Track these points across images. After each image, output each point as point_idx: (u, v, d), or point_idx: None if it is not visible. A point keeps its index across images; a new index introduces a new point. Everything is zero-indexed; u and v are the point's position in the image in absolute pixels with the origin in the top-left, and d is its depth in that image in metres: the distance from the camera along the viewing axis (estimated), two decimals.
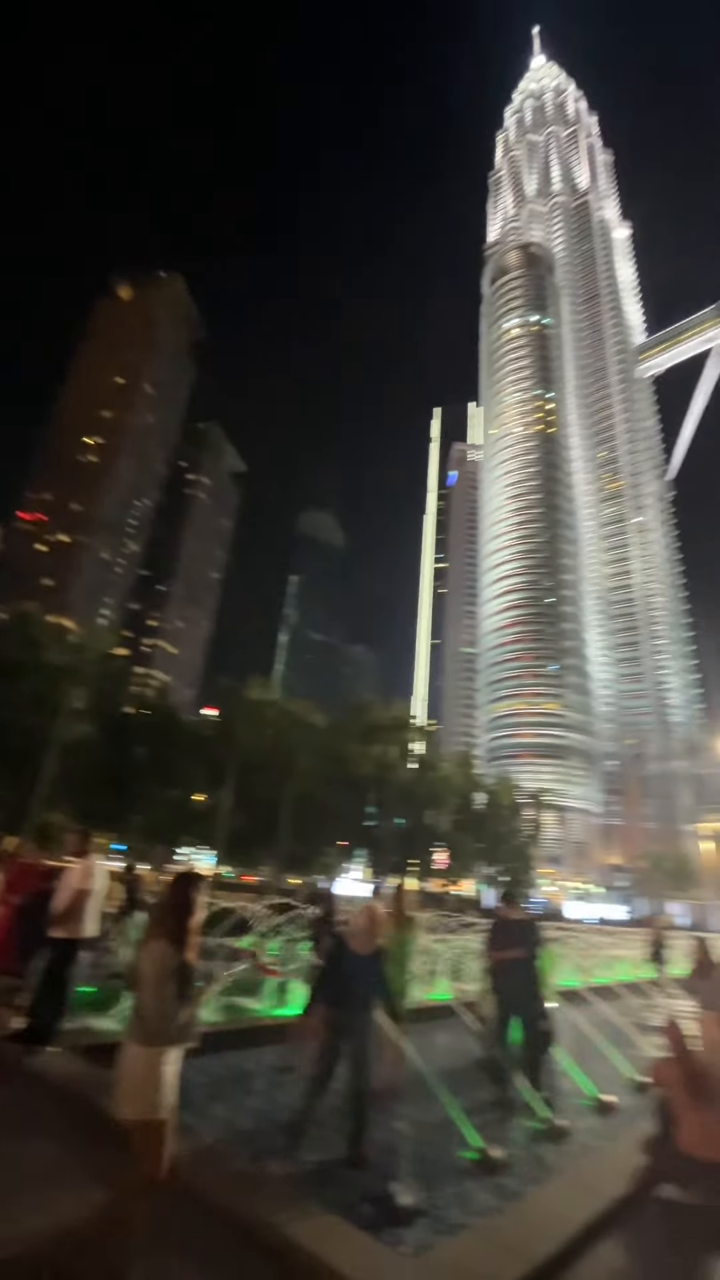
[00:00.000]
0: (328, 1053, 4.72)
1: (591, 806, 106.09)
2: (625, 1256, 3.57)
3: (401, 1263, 3.17)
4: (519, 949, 6.39)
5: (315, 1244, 3.13)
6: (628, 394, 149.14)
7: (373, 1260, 3.10)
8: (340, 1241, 3.21)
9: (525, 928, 6.67)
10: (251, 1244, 3.26)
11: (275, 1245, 3.19)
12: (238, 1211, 3.43)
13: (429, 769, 54.79)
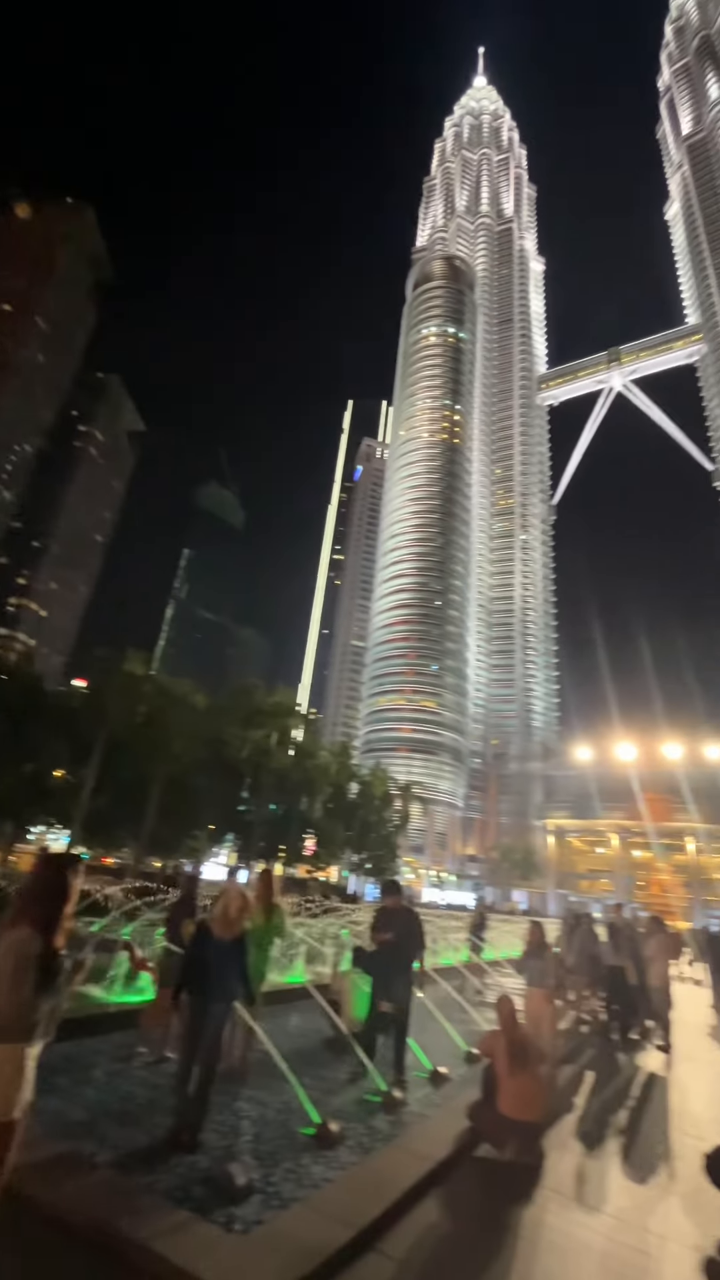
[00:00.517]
0: (191, 1039, 4.64)
1: (455, 800, 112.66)
2: (444, 1213, 3.86)
3: (229, 1241, 3.20)
4: (394, 936, 6.60)
5: (138, 1232, 3.07)
6: (527, 419, 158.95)
7: (198, 1241, 3.10)
8: (166, 1227, 3.17)
9: (406, 917, 6.85)
10: (73, 1237, 3.13)
11: (98, 1237, 3.09)
12: (61, 1205, 3.27)
13: (307, 757, 55.14)
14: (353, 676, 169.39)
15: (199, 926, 4.97)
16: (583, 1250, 3.65)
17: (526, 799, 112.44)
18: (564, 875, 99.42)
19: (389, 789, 67.46)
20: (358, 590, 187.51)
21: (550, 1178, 4.52)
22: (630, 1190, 4.54)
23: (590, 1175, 4.70)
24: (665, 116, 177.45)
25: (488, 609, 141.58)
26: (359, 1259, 3.20)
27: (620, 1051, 8.87)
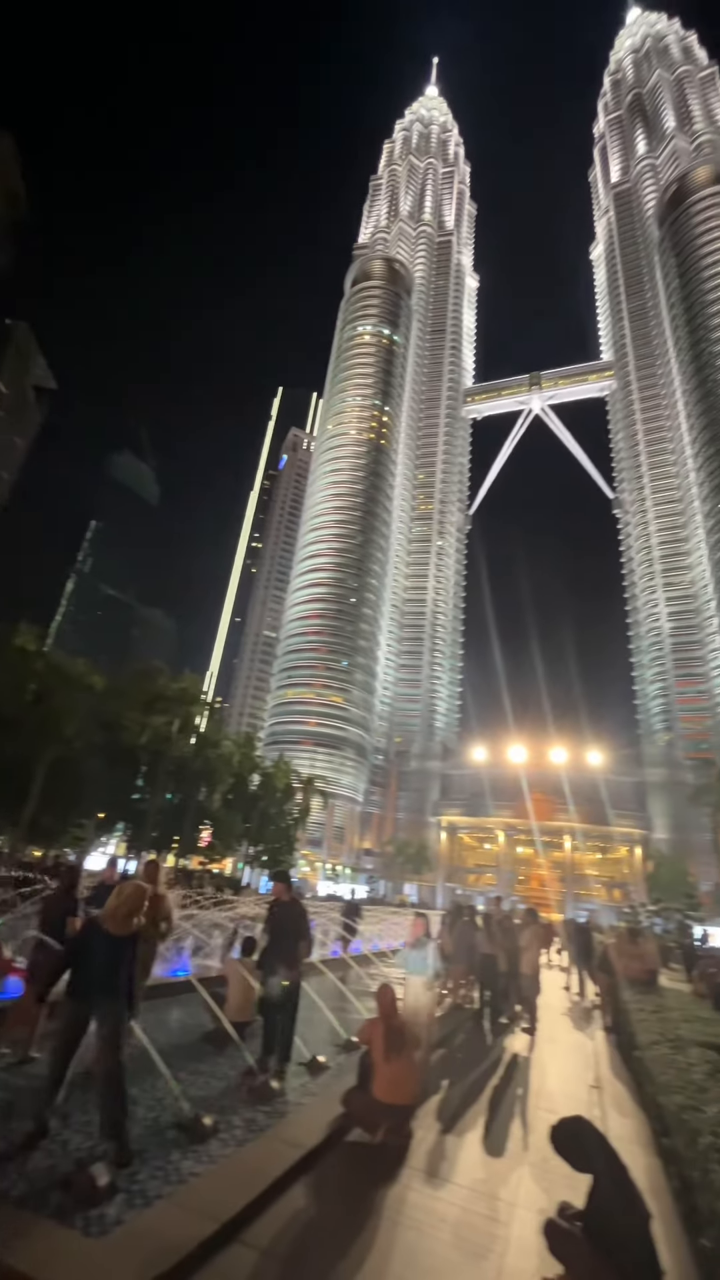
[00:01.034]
0: (68, 1043, 4.35)
1: (356, 795, 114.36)
2: (311, 1199, 3.93)
3: (85, 1244, 3.08)
4: (283, 930, 6.59)
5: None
6: (451, 429, 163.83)
7: (52, 1247, 2.97)
8: (14, 1234, 3.00)
9: (293, 911, 6.84)
10: None
11: None
12: None
13: (209, 746, 53.76)
14: (263, 667, 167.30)
15: (88, 922, 4.72)
16: (439, 1222, 3.86)
17: (424, 796, 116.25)
18: (453, 869, 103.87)
19: (291, 782, 67.29)
20: (274, 580, 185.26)
21: (416, 1157, 4.73)
22: (487, 1163, 4.85)
23: (452, 1152, 4.96)
24: (598, 161, 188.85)
25: (400, 610, 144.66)
26: (221, 1251, 3.19)
27: (490, 1035, 9.42)
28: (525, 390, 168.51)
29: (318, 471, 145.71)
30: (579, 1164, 3.41)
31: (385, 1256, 3.44)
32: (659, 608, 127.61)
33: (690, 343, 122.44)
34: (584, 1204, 3.37)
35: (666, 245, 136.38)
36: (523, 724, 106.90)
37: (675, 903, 59.76)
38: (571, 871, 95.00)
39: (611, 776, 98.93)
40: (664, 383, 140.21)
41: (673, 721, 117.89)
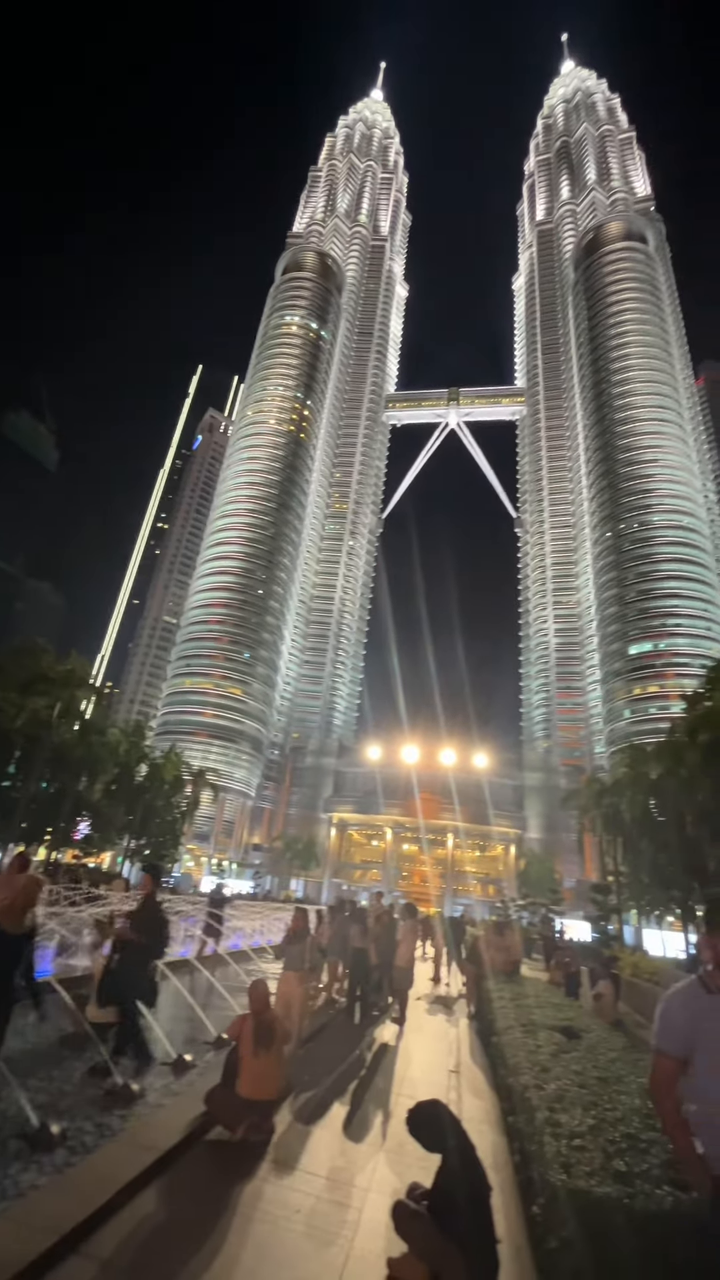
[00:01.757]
0: None
1: (248, 790, 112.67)
2: (162, 1203, 3.81)
3: None
4: (136, 929, 6.32)
5: None
6: (370, 432, 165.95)
7: None
8: None
9: (152, 911, 6.57)
10: None
11: None
12: None
13: (94, 733, 50.64)
14: (159, 654, 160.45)
15: None
16: (293, 1214, 3.88)
17: (317, 792, 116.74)
18: (341, 865, 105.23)
19: (181, 774, 65.00)
20: (178, 564, 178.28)
21: (276, 1151, 4.73)
22: (345, 1152, 4.95)
23: (312, 1144, 5.02)
24: (526, 197, 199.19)
25: (307, 606, 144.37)
26: (57, 1267, 3.01)
27: (360, 1026, 9.63)
28: (444, 404, 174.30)
29: (233, 457, 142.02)
30: (431, 1145, 3.57)
31: (235, 1253, 3.41)
32: (548, 624, 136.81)
33: (593, 382, 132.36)
34: (432, 1185, 3.53)
35: (580, 289, 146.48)
36: (417, 725, 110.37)
37: (541, 898, 64.29)
38: (452, 869, 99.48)
39: (494, 779, 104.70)
40: (568, 416, 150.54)
41: (552, 730, 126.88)
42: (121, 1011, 6.19)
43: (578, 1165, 2.61)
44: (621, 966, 17.51)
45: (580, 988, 14.39)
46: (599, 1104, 3.40)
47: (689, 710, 35.28)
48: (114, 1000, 6.22)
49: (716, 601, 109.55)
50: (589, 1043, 5.21)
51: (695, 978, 2.62)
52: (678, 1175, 2.53)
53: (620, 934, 46.56)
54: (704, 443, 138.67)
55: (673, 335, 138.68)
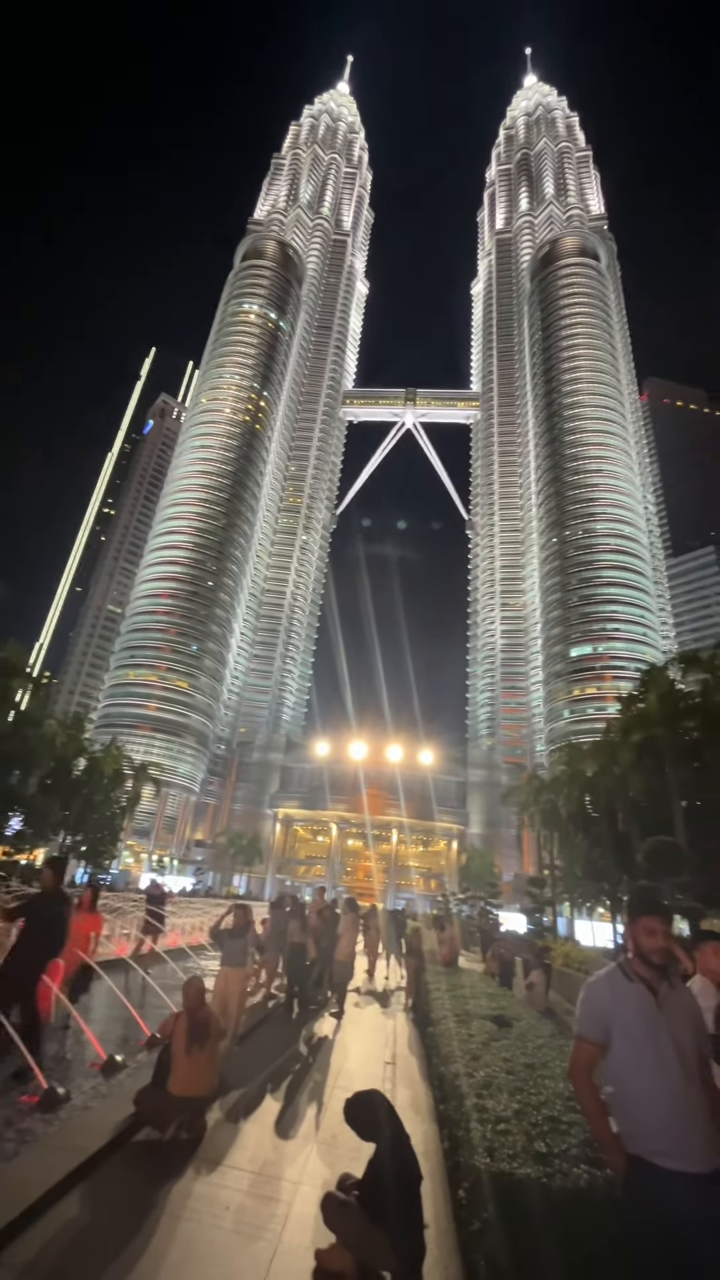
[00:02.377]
0: None
1: (193, 785, 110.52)
2: (87, 1206, 3.70)
3: None
4: (29, 925, 6.05)
5: None
6: (327, 427, 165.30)
7: None
8: None
9: (51, 906, 6.22)
10: None
11: None
12: None
13: (30, 725, 48.40)
14: (102, 644, 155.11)
15: None
16: (222, 1210, 3.85)
17: (263, 787, 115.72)
18: (285, 861, 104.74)
19: (122, 768, 63.04)
20: (125, 552, 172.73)
21: (207, 1149, 4.67)
22: (278, 1146, 4.94)
23: (244, 1140, 4.99)
24: (486, 204, 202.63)
25: (258, 600, 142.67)
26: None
27: (299, 1021, 9.63)
28: (400, 404, 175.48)
29: (185, 444, 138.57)
30: (366, 1134, 3.62)
31: (161, 1253, 3.35)
32: (495, 626, 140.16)
33: (544, 391, 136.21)
34: (362, 1176, 3.58)
35: (535, 300, 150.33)
36: (364, 722, 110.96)
37: (481, 891, 65.94)
38: (395, 863, 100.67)
39: (439, 775, 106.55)
40: (520, 423, 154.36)
41: (495, 728, 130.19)
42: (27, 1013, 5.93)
43: (501, 1149, 2.70)
44: (554, 956, 18.20)
45: (514, 977, 14.86)
46: (524, 1089, 3.52)
47: (623, 711, 36.90)
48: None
49: (652, 608, 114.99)
50: (519, 1030, 5.38)
51: (616, 965, 2.74)
52: (595, 1154, 2.64)
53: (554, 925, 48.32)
54: (645, 455, 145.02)
55: (620, 350, 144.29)
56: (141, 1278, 3.12)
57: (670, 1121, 2.33)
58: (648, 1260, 2.20)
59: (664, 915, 2.71)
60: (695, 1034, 2.54)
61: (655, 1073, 2.41)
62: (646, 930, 2.67)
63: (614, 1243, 2.29)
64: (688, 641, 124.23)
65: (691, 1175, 2.26)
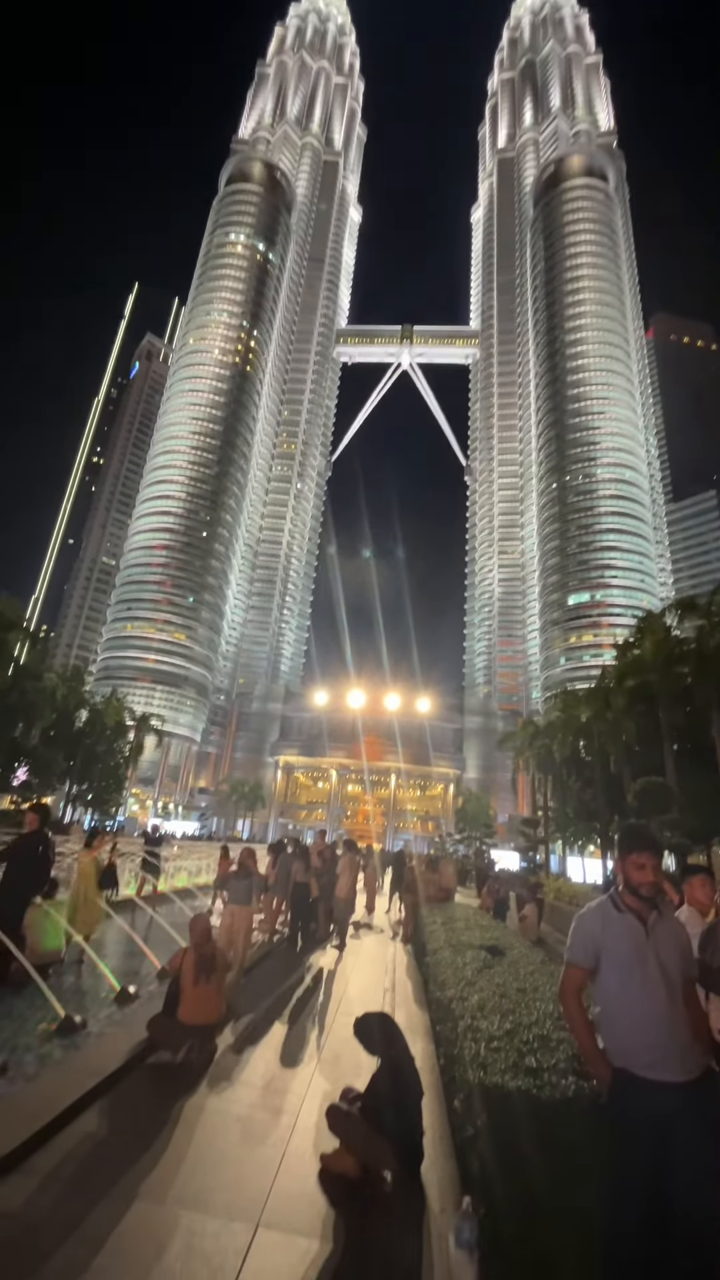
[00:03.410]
0: None
1: (194, 735, 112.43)
2: (105, 1120, 3.95)
3: None
4: (13, 865, 6.41)
5: None
6: (320, 368, 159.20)
7: None
8: None
9: (34, 843, 6.60)
10: None
11: None
12: None
13: (29, 678, 48.77)
14: (98, 597, 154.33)
15: None
16: (232, 1121, 4.13)
17: (263, 736, 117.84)
18: (287, 806, 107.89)
19: (123, 719, 63.97)
20: (116, 502, 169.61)
21: (217, 1069, 4.97)
22: (284, 1066, 5.26)
23: (253, 1060, 5.30)
24: (488, 119, 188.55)
25: (254, 550, 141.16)
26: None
27: (302, 954, 10.11)
28: (396, 342, 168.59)
29: (174, 388, 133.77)
30: (372, 1050, 3.88)
31: (177, 1158, 3.60)
32: (492, 574, 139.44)
33: (546, 328, 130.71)
34: (365, 1089, 3.83)
35: (538, 227, 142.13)
36: (362, 671, 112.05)
37: (476, 832, 68.30)
38: (394, 807, 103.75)
39: (435, 723, 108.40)
40: (520, 363, 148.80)
41: (492, 676, 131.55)
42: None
43: (494, 1064, 2.87)
44: (546, 891, 19.00)
45: (508, 911, 15.55)
46: (516, 1011, 3.71)
47: (619, 658, 37.24)
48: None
49: (650, 555, 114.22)
50: (511, 959, 5.65)
51: (606, 897, 2.86)
52: (582, 1068, 2.81)
53: (546, 863, 50.31)
54: (649, 396, 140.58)
55: (626, 283, 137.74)
56: (158, 1180, 3.36)
57: (654, 1037, 2.47)
58: (628, 1156, 2.38)
59: (653, 851, 2.80)
60: (681, 959, 2.66)
61: (641, 994, 2.54)
62: (636, 865, 2.76)
63: (597, 1143, 2.46)
64: (686, 588, 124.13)
65: (672, 1084, 2.42)
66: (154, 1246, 2.80)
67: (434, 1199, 3.37)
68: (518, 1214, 2.40)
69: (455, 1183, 3.49)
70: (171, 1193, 3.24)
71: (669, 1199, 2.31)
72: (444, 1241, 2.93)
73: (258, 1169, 3.58)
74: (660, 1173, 2.34)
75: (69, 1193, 3.14)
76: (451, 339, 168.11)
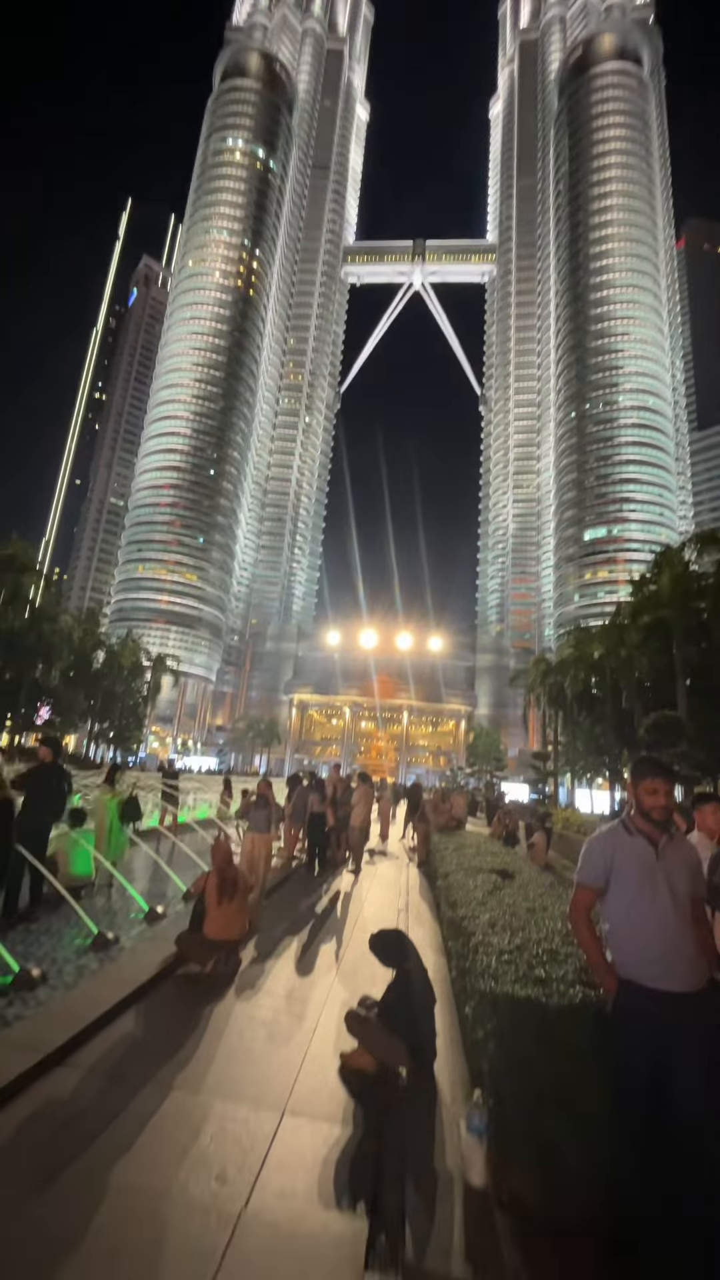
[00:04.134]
0: None
1: (209, 675, 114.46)
2: (139, 1023, 4.27)
3: None
4: (32, 793, 6.75)
5: None
6: (328, 290, 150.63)
7: None
8: None
9: (48, 775, 6.91)
10: None
11: None
12: None
13: (45, 620, 49.46)
14: (108, 539, 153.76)
15: None
16: (258, 1025, 4.44)
17: (277, 675, 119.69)
18: (302, 743, 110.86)
19: (140, 660, 65.11)
20: (121, 440, 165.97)
21: (243, 980, 5.31)
22: (305, 976, 5.61)
23: (276, 972, 5.65)
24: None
25: (263, 488, 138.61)
26: (43, 1077, 3.38)
27: (320, 878, 10.61)
28: (408, 260, 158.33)
29: (174, 316, 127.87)
30: (388, 962, 4.11)
31: (207, 1057, 3.90)
32: (507, 509, 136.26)
33: (570, 239, 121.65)
34: (381, 997, 4.07)
35: (563, 120, 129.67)
36: (375, 610, 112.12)
37: (487, 766, 70.01)
38: (406, 743, 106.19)
39: (448, 661, 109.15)
40: (541, 279, 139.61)
41: (505, 614, 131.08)
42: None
43: (504, 975, 3.01)
44: (554, 821, 19.59)
45: (518, 841, 16.11)
46: (526, 929, 3.87)
47: (635, 594, 36.75)
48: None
49: (671, 487, 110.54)
50: (521, 881, 5.87)
51: (618, 822, 2.91)
52: (589, 980, 2.95)
53: (555, 795, 51.70)
54: (677, 315, 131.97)
55: (658, 186, 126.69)
56: (192, 1074, 3.65)
57: (660, 950, 2.57)
58: (632, 1059, 2.53)
59: (666, 777, 2.82)
60: (691, 879, 2.73)
61: (650, 912, 2.62)
62: (649, 790, 2.79)
63: (602, 1046, 2.61)
64: (707, 521, 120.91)
65: (676, 993, 2.52)
66: (190, 1129, 3.07)
67: (446, 1092, 3.64)
68: (526, 1106, 2.58)
69: (466, 1080, 3.75)
70: (205, 1085, 3.53)
71: (668, 1095, 2.46)
72: (456, 1127, 3.18)
73: (283, 1065, 3.87)
74: (661, 1072, 2.48)
75: (110, 1084, 3.42)
76: (467, 255, 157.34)
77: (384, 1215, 2.54)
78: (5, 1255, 2.22)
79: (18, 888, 6.51)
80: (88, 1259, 2.22)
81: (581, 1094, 2.55)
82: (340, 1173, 2.87)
